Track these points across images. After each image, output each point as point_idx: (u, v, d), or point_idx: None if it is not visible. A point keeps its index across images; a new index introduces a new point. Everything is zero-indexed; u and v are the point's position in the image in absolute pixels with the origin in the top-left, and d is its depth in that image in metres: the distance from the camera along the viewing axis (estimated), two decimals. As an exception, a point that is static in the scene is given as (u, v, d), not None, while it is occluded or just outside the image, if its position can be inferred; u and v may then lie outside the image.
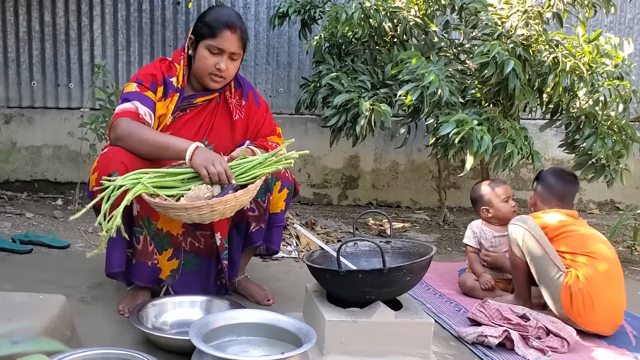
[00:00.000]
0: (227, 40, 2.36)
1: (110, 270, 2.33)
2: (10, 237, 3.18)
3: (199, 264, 2.52)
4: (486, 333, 2.34)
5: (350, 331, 2.03)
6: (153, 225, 2.34)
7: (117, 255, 2.32)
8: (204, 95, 2.48)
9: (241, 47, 2.42)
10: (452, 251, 3.78)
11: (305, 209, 4.58)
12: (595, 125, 3.59)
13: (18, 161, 4.40)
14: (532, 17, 3.48)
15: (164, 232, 2.38)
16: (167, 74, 2.41)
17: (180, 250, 2.46)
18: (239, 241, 2.53)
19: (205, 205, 2.06)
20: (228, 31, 2.35)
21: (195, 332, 1.79)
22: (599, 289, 2.46)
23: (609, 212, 5.20)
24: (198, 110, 2.49)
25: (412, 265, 2.08)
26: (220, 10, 2.45)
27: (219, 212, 2.11)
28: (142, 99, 2.31)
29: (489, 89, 3.48)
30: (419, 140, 4.56)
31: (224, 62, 2.38)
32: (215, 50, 2.37)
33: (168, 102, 2.39)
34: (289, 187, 2.51)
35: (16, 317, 1.76)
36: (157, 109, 2.35)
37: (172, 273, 2.45)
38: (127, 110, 2.26)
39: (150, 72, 2.39)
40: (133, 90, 2.33)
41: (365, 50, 3.96)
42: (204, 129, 2.48)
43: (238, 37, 2.38)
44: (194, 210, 2.06)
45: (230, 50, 2.38)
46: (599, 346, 2.43)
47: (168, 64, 2.46)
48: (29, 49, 4.36)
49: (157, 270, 2.40)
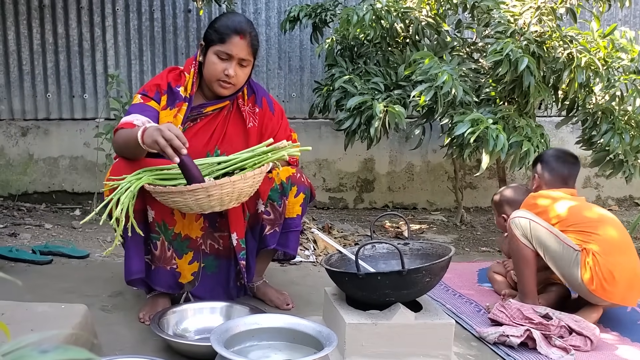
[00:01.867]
0: (235, 46, 2.35)
1: (130, 277, 2.34)
2: (30, 249, 3.21)
3: (219, 266, 2.53)
4: (507, 333, 2.32)
5: (370, 334, 2.02)
6: (170, 230, 2.36)
7: (136, 262, 2.34)
8: (214, 104, 2.47)
9: (251, 54, 2.40)
10: (470, 251, 3.76)
11: (321, 213, 4.57)
12: (612, 120, 3.55)
13: (36, 173, 4.44)
14: (545, 13, 3.46)
15: (182, 236, 2.40)
16: (174, 83, 2.42)
17: (200, 253, 2.47)
18: (254, 244, 2.54)
19: (200, 188, 2.06)
20: (237, 37, 2.35)
21: (216, 338, 1.79)
22: (614, 258, 2.45)
23: (629, 208, 5.14)
24: (209, 120, 2.48)
25: (431, 266, 2.07)
26: (231, 17, 2.45)
27: (216, 197, 2.10)
28: (142, 109, 2.33)
29: (504, 87, 3.46)
30: (434, 141, 4.54)
31: (233, 68, 2.36)
32: (223, 56, 2.36)
33: (175, 112, 2.39)
34: (305, 191, 2.51)
35: (39, 327, 1.78)
36: (161, 118, 2.37)
37: (192, 277, 2.46)
38: (123, 123, 2.28)
39: (155, 83, 2.42)
40: (136, 103, 2.38)
41: (378, 52, 3.95)
42: (216, 138, 2.47)
43: (247, 43, 2.37)
44: (189, 194, 2.07)
45: (240, 56, 2.37)
46: (623, 343, 2.40)
47: (178, 73, 2.47)
48: (43, 61, 4.40)
49: (176, 275, 2.42)
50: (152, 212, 2.31)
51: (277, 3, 4.60)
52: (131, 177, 2.16)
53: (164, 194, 2.13)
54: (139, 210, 2.24)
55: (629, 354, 2.30)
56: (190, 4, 4.46)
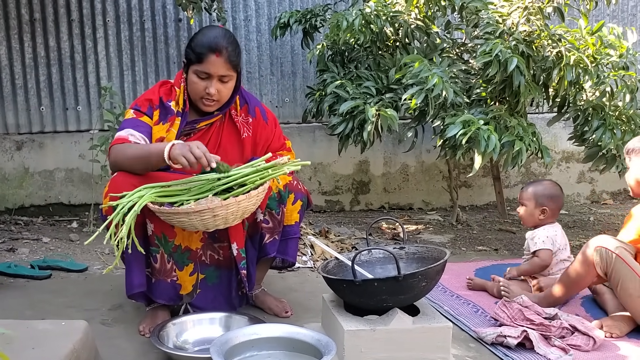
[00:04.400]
0: (213, 65, 2.35)
1: (132, 291, 2.36)
2: (29, 264, 3.22)
3: (220, 276, 2.54)
4: (505, 333, 2.34)
5: (369, 340, 2.04)
6: (170, 242, 2.38)
7: (137, 276, 2.35)
8: (207, 120, 2.50)
9: (230, 69, 2.39)
10: (467, 251, 3.78)
11: (318, 216, 4.59)
12: (604, 116, 3.57)
13: (32, 186, 4.45)
14: (533, 13, 3.48)
15: (182, 248, 2.41)
16: (166, 98, 2.45)
17: (200, 264, 2.48)
18: (254, 253, 2.55)
19: (206, 209, 2.09)
20: (213, 55, 2.34)
21: (216, 350, 1.81)
22: None
23: (623, 202, 5.17)
24: (202, 133, 2.51)
25: (426, 270, 2.09)
26: (206, 33, 2.42)
27: (221, 217, 2.13)
28: (135, 125, 2.37)
29: (494, 88, 3.48)
30: (427, 141, 4.57)
31: (213, 86, 2.38)
32: (203, 75, 2.38)
33: (168, 126, 2.42)
34: (302, 199, 2.53)
35: (40, 345, 1.80)
36: (154, 133, 2.39)
37: (192, 289, 2.47)
38: (118, 138, 2.33)
39: (147, 98, 2.46)
40: (129, 118, 2.41)
41: (369, 56, 3.97)
42: (210, 150, 2.47)
43: (225, 59, 2.36)
44: (195, 215, 2.10)
45: (219, 74, 2.37)
46: (621, 341, 2.41)
47: (169, 87, 2.49)
48: (35, 74, 4.41)
49: (177, 287, 2.44)
50: (151, 226, 2.33)
51: (267, 9, 4.62)
52: (132, 195, 2.16)
53: (169, 215, 2.14)
54: (138, 223, 2.24)
55: (628, 352, 2.31)
56: (181, 13, 4.47)
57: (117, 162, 2.31)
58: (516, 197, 5.05)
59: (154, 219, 2.30)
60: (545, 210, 2.92)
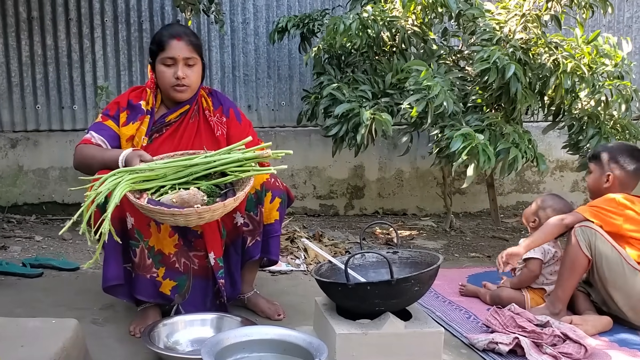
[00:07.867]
0: (175, 48, 2.48)
1: (107, 284, 2.35)
2: (21, 262, 3.20)
3: (193, 287, 2.47)
4: (497, 340, 2.34)
5: (361, 343, 2.04)
6: (145, 241, 2.37)
7: (113, 268, 2.35)
8: (175, 111, 2.56)
9: (194, 51, 2.52)
10: (460, 257, 3.79)
11: (312, 220, 4.59)
12: (599, 125, 3.59)
13: (25, 184, 4.43)
14: (530, 21, 3.50)
15: (155, 250, 2.40)
16: (135, 100, 2.55)
17: (173, 271, 2.43)
18: (237, 259, 2.54)
19: (193, 212, 2.10)
20: (174, 40, 2.49)
21: (207, 351, 1.80)
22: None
23: (617, 211, 5.18)
24: (173, 129, 2.57)
25: (419, 275, 2.09)
26: (165, 27, 2.64)
27: (206, 219, 2.17)
28: (98, 128, 2.51)
29: (490, 94, 3.49)
30: (422, 147, 4.57)
31: (181, 69, 2.48)
32: (168, 62, 2.49)
33: (138, 125, 2.51)
34: (280, 195, 2.52)
35: (30, 343, 1.78)
36: (123, 132, 2.50)
37: (177, 291, 2.44)
38: (83, 139, 2.49)
39: (116, 101, 2.60)
40: (96, 121, 2.56)
41: (365, 61, 3.98)
42: (184, 146, 2.53)
43: (186, 42, 2.50)
44: (181, 216, 2.11)
45: (183, 56, 2.48)
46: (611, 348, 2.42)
47: (141, 90, 2.62)
48: (32, 73, 4.40)
49: (157, 284, 2.41)
50: (131, 219, 2.32)
51: (266, 13, 4.63)
52: (109, 181, 2.13)
53: (152, 212, 2.14)
54: (116, 217, 2.24)
55: (621, 359, 2.32)
56: (179, 14, 4.47)
57: (79, 162, 2.47)
58: (510, 205, 5.08)
59: (134, 213, 2.30)
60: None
